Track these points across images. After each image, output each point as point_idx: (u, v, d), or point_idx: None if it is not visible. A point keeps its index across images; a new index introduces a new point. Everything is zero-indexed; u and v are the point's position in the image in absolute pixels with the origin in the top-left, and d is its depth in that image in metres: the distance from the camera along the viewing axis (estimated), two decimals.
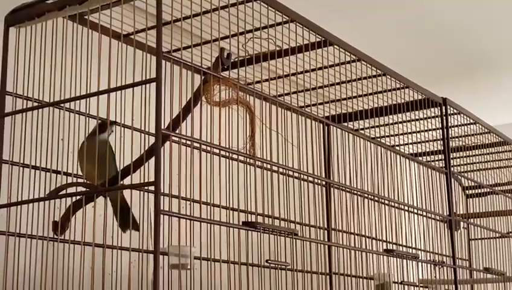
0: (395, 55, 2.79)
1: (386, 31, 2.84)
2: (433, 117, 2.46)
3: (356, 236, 2.16)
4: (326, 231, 2.47)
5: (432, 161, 2.65)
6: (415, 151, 2.70)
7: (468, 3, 2.65)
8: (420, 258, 2.25)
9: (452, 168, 2.45)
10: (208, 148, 1.49)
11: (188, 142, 1.45)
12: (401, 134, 2.56)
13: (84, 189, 1.58)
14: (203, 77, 1.56)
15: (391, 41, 2.93)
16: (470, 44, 3.02)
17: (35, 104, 1.62)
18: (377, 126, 2.46)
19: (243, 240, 1.56)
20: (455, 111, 2.48)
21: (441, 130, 2.44)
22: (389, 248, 2.13)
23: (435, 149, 2.64)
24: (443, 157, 2.44)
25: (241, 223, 1.53)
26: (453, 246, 2.35)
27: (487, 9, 2.70)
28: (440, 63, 3.21)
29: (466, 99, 2.78)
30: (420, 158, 2.52)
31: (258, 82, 1.97)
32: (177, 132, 1.48)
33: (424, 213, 2.41)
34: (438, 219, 2.50)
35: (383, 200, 2.18)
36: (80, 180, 1.65)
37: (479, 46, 3.05)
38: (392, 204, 2.22)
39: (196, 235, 1.43)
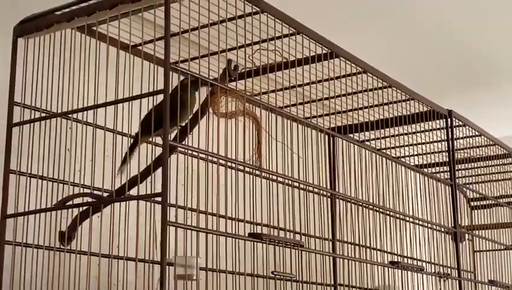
0: (401, 67, 2.80)
1: (391, 43, 2.85)
2: (438, 129, 2.46)
3: (361, 247, 2.16)
4: (331, 242, 2.47)
5: (437, 173, 2.65)
6: (420, 163, 2.70)
7: (475, 17, 2.66)
8: (425, 270, 2.25)
9: (457, 180, 2.45)
10: (215, 160, 1.49)
11: (195, 154, 1.45)
12: (406, 145, 2.56)
13: (90, 199, 1.59)
14: (210, 89, 1.56)
15: (397, 53, 2.94)
16: (475, 56, 3.02)
17: (43, 114, 1.62)
18: (382, 138, 2.46)
19: (248, 251, 1.56)
20: (460, 123, 2.48)
21: (446, 142, 2.44)
22: (394, 259, 2.13)
23: (440, 161, 2.64)
24: (448, 169, 2.44)
25: (247, 235, 1.54)
26: (458, 258, 2.35)
27: (493, 22, 2.71)
28: (445, 75, 3.21)
29: (471, 111, 2.78)
30: (425, 170, 2.52)
31: (264, 93, 1.98)
32: (184, 143, 1.49)
33: (429, 225, 2.40)
34: (443, 230, 2.50)
35: (388, 212, 2.18)
36: (86, 190, 1.66)
37: (484, 59, 3.05)
38: (397, 216, 2.22)
39: (202, 246, 1.43)
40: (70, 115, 1.58)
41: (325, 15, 2.49)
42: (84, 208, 1.60)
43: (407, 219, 2.32)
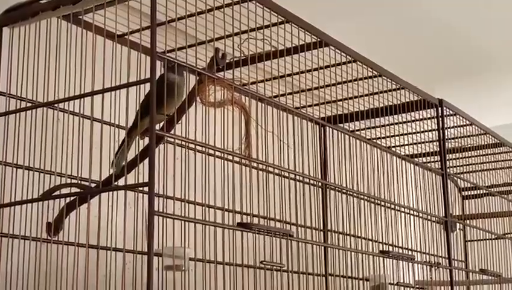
0: (391, 56, 2.79)
1: (382, 32, 2.84)
2: (429, 118, 2.46)
3: (352, 237, 2.16)
4: (322, 232, 2.46)
5: (428, 162, 2.65)
6: (411, 153, 2.70)
7: (465, 5, 2.65)
8: (416, 259, 2.25)
9: (448, 170, 2.45)
10: (203, 149, 1.48)
11: (183, 143, 1.44)
12: (397, 135, 2.56)
13: (77, 190, 1.57)
14: (197, 78, 1.55)
15: (387, 42, 2.93)
16: (466, 45, 3.02)
17: (29, 104, 1.61)
18: (373, 127, 2.46)
19: (237, 241, 1.56)
20: (451, 112, 2.47)
21: (437, 132, 2.43)
22: (384, 249, 2.13)
23: (431, 150, 2.64)
24: (439, 159, 2.44)
25: (236, 224, 1.53)
26: (448, 248, 2.35)
27: (484, 11, 2.70)
28: (436, 64, 3.21)
29: (462, 101, 2.78)
30: (416, 159, 2.52)
31: (253, 83, 1.97)
32: (171, 132, 1.47)
33: (420, 214, 2.40)
34: (434, 220, 2.50)
35: (379, 202, 2.17)
36: (73, 181, 1.64)
37: (475, 48, 3.05)
38: (388, 205, 2.22)
39: (191, 236, 1.42)
40: (56, 105, 1.57)
41: (314, 3, 2.48)
42: (71, 198, 1.59)
43: (398, 208, 2.32)
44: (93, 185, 1.57)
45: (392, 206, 2.25)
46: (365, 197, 2.12)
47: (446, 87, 3.25)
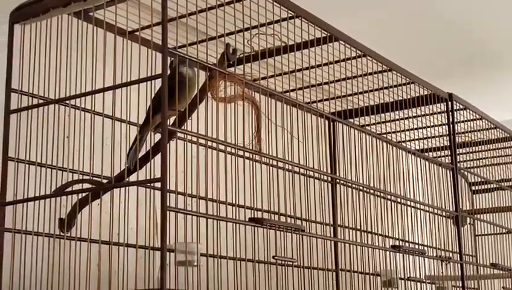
0: (401, 50, 2.78)
1: (391, 26, 2.83)
2: (439, 113, 2.45)
3: (362, 232, 2.16)
4: (332, 227, 2.46)
5: (438, 157, 2.64)
6: (421, 147, 2.69)
7: (475, 0, 2.64)
8: (427, 254, 2.24)
9: (458, 164, 2.44)
10: (214, 145, 1.48)
11: (194, 139, 1.44)
12: (407, 130, 2.55)
13: (90, 186, 1.58)
14: (208, 73, 1.55)
15: (397, 36, 2.92)
16: (476, 39, 3.00)
17: (41, 101, 1.61)
18: (383, 122, 2.45)
19: (249, 236, 1.56)
20: (461, 106, 2.47)
21: (447, 126, 2.43)
22: (395, 244, 2.12)
23: (441, 145, 2.63)
24: (449, 153, 2.43)
25: (247, 220, 1.53)
26: (460, 242, 2.34)
27: (495, 6, 2.69)
28: (446, 58, 3.19)
29: (472, 95, 2.77)
30: (426, 154, 2.52)
31: (263, 78, 1.97)
32: (183, 128, 1.48)
33: (431, 209, 2.40)
34: (444, 214, 2.49)
35: (388, 196, 2.17)
36: (85, 177, 1.65)
37: (485, 42, 3.04)
38: (398, 200, 2.22)
39: (203, 232, 1.42)
40: (68, 102, 1.57)
41: None
42: (84, 194, 1.59)
43: (409, 203, 2.32)
44: (105, 181, 1.57)
45: (403, 200, 2.25)
46: (375, 192, 2.11)
47: (456, 82, 3.24)
